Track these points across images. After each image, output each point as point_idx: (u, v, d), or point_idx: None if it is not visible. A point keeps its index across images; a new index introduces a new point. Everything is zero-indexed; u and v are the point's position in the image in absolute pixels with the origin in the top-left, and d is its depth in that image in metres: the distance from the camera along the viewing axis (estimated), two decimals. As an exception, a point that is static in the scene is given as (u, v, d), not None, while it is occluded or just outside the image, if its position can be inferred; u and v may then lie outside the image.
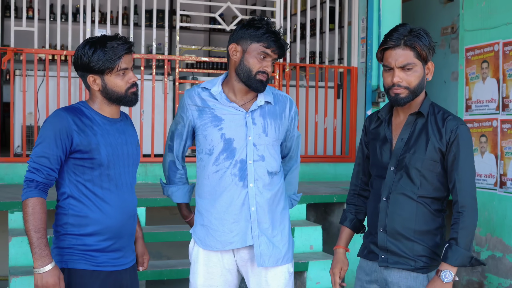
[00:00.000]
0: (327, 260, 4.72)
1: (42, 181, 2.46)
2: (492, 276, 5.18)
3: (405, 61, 2.50)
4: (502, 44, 5.10)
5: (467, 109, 5.47)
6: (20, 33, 6.33)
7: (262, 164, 2.75)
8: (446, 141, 2.54)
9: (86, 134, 2.50)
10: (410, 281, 2.59)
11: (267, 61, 2.71)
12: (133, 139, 2.70)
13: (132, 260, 2.69)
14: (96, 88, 2.55)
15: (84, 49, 2.51)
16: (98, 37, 2.56)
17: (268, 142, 2.76)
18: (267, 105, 2.80)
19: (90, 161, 2.50)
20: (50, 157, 2.46)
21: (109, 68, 2.50)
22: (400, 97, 2.52)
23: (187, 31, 10.42)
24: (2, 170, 5.62)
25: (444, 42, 8.04)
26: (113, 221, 2.55)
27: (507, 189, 5.03)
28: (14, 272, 4.12)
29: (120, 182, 2.59)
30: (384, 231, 2.61)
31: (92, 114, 2.57)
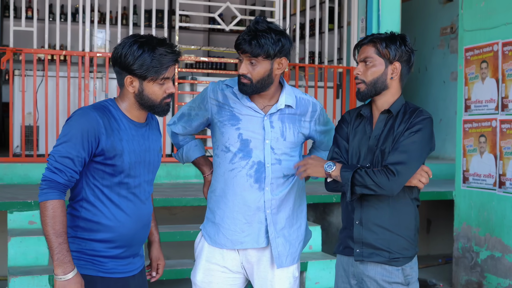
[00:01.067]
0: (326, 260, 4.72)
1: (64, 182, 2.32)
2: (491, 276, 5.18)
3: (364, 55, 2.66)
4: (501, 44, 5.10)
5: (466, 109, 5.47)
6: (19, 33, 6.33)
7: (279, 168, 2.73)
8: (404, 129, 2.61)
9: (113, 138, 2.36)
10: (386, 275, 2.65)
11: (242, 63, 2.65)
12: (156, 144, 2.56)
13: (140, 265, 2.58)
14: (131, 90, 2.39)
15: (131, 48, 2.34)
16: (146, 37, 2.39)
17: (286, 145, 2.74)
18: (288, 108, 2.76)
19: (112, 167, 2.37)
20: (74, 159, 2.31)
21: (154, 76, 2.35)
22: (359, 91, 2.68)
23: (186, 31, 10.42)
24: (1, 170, 5.61)
25: (443, 42, 8.05)
26: (127, 230, 2.43)
27: (506, 189, 5.03)
28: (13, 272, 4.11)
29: (138, 191, 2.46)
30: (360, 224, 2.67)
31: (120, 116, 2.41)
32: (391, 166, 2.54)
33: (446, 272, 6.06)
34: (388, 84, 2.66)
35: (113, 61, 2.41)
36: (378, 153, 2.65)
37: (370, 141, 2.68)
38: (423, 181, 2.63)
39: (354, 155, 2.71)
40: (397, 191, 2.57)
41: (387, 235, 2.65)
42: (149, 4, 6.58)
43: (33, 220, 4.56)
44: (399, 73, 2.67)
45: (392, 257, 2.65)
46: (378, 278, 2.66)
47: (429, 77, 8.25)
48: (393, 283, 2.65)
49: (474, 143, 5.38)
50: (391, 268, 2.65)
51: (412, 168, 2.58)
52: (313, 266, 4.67)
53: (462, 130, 5.51)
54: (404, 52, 2.67)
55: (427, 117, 2.64)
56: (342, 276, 2.79)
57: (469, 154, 5.44)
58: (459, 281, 5.53)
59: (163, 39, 2.41)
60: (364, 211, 2.67)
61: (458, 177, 5.58)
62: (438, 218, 6.89)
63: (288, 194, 2.78)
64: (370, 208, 2.66)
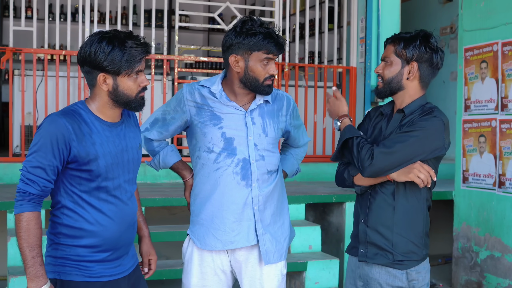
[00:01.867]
0: (326, 260, 4.72)
1: (37, 193, 2.27)
2: (491, 276, 5.18)
3: (384, 54, 2.68)
4: (501, 44, 5.10)
5: (466, 109, 5.47)
6: (19, 33, 6.33)
7: (263, 164, 2.75)
8: None
9: (84, 143, 2.30)
10: (390, 278, 2.62)
11: (271, 64, 2.68)
12: (135, 142, 2.50)
13: (131, 266, 2.54)
14: (105, 88, 2.33)
15: (100, 45, 2.28)
16: (111, 32, 2.32)
17: (268, 141, 2.76)
18: (266, 104, 2.79)
19: (88, 172, 2.32)
20: (46, 168, 2.26)
21: (128, 69, 2.30)
22: (377, 89, 2.69)
23: (186, 31, 10.42)
24: (1, 170, 5.61)
25: (443, 42, 8.05)
26: (111, 233, 2.38)
27: (506, 189, 5.03)
28: (12, 272, 4.11)
29: (119, 192, 2.41)
30: (365, 223, 2.66)
31: (91, 119, 2.35)
32: (376, 148, 2.51)
33: (446, 272, 6.06)
34: (404, 85, 2.63)
35: (81, 61, 2.34)
36: None
37: (381, 139, 2.66)
38: (421, 177, 2.53)
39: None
40: (368, 175, 2.53)
41: (391, 236, 2.61)
42: (149, 4, 6.58)
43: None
44: (417, 74, 2.62)
45: (396, 259, 2.60)
46: (381, 281, 2.62)
47: (429, 77, 8.25)
48: (396, 287, 2.61)
49: (473, 143, 5.38)
50: (395, 271, 2.61)
51: (392, 159, 2.50)
52: (313, 266, 4.67)
53: (461, 130, 5.51)
54: (424, 52, 2.59)
55: (435, 117, 2.58)
56: (350, 277, 2.78)
57: (468, 154, 5.44)
58: (458, 281, 5.53)
59: (129, 32, 2.36)
60: (370, 209, 2.65)
61: (457, 177, 5.58)
62: (438, 218, 6.89)
63: (272, 190, 2.80)
64: (377, 207, 2.64)
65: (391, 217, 2.62)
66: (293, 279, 4.81)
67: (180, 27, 9.52)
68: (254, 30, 2.62)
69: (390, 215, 2.62)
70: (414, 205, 2.63)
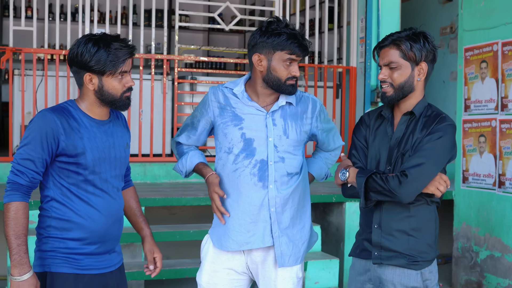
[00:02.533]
0: (326, 260, 4.72)
1: (26, 184, 2.39)
2: (491, 276, 5.18)
3: (388, 60, 2.57)
4: (501, 44, 5.10)
5: (466, 109, 5.47)
6: (19, 32, 6.33)
7: (282, 166, 2.73)
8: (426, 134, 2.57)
9: (72, 137, 2.41)
10: (404, 279, 2.60)
11: (294, 65, 2.68)
12: (122, 140, 2.61)
13: (118, 262, 2.61)
14: (91, 87, 2.45)
15: (86, 46, 2.41)
16: (99, 35, 2.47)
17: (289, 143, 2.74)
18: (289, 106, 2.77)
19: (76, 165, 2.43)
20: (35, 160, 2.38)
21: (112, 70, 2.42)
22: (385, 95, 2.60)
23: (186, 30, 10.42)
24: (1, 169, 5.61)
25: (443, 42, 8.05)
26: (98, 225, 2.47)
27: (506, 189, 5.03)
28: (12, 271, 4.11)
29: (106, 186, 2.51)
30: (379, 228, 2.63)
31: (80, 115, 2.47)
32: (406, 170, 2.48)
33: (446, 272, 6.06)
34: (415, 86, 2.61)
35: (70, 61, 2.46)
36: (398, 156, 2.59)
37: (391, 143, 2.62)
38: (441, 189, 2.55)
39: (374, 158, 2.66)
40: (409, 198, 2.51)
41: (407, 239, 2.60)
42: (149, 3, 6.58)
43: (32, 219, 4.54)
44: (426, 73, 2.61)
45: (412, 260, 2.59)
46: (396, 282, 2.61)
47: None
48: (410, 287, 2.60)
49: (473, 143, 5.38)
50: (410, 271, 2.60)
51: (427, 173, 2.51)
52: (313, 266, 4.67)
53: (461, 130, 5.51)
54: (429, 51, 2.58)
55: (450, 123, 2.57)
56: (356, 280, 2.74)
57: (468, 154, 5.44)
58: (458, 281, 5.53)
59: (116, 35, 2.49)
60: (383, 214, 2.62)
61: (457, 177, 5.58)
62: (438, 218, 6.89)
63: (292, 193, 2.77)
64: (390, 212, 2.61)
65: (406, 222, 2.60)
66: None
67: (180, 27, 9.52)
68: (279, 30, 2.64)
69: (405, 220, 2.60)
70: (427, 208, 2.63)
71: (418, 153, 2.51)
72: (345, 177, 2.61)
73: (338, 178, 2.66)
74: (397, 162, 2.59)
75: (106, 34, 2.48)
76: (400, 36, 2.57)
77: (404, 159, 2.56)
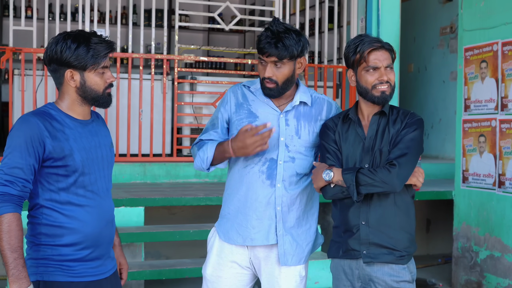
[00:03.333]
0: (326, 260, 4.72)
1: (17, 194, 2.27)
2: (491, 276, 5.19)
3: (389, 62, 2.68)
4: (501, 44, 5.10)
5: (466, 109, 5.47)
6: (19, 32, 6.33)
7: (292, 166, 2.74)
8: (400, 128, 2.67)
9: (58, 139, 2.33)
10: (394, 275, 2.67)
11: (265, 67, 2.67)
12: (107, 140, 2.54)
13: (112, 267, 2.54)
14: (73, 84, 2.38)
15: (65, 43, 2.34)
16: (75, 32, 2.40)
17: (301, 144, 2.75)
18: (303, 106, 2.78)
19: (64, 168, 2.34)
20: (24, 168, 2.27)
21: (94, 64, 2.36)
22: (386, 95, 2.67)
23: (186, 30, 10.42)
24: (1, 169, 5.61)
25: (443, 42, 8.05)
26: (91, 229, 2.39)
27: (505, 189, 5.03)
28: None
29: (96, 188, 2.42)
30: (366, 224, 2.68)
31: (62, 117, 2.39)
32: (394, 160, 2.58)
33: (446, 272, 6.06)
34: None
35: (48, 60, 2.39)
36: (376, 153, 2.67)
37: (365, 142, 2.69)
38: (420, 180, 2.68)
39: (350, 158, 2.71)
40: (400, 186, 2.59)
41: (393, 234, 2.67)
42: (149, 3, 6.58)
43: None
44: None
45: (398, 255, 2.67)
46: (386, 279, 2.67)
47: (429, 77, 8.26)
48: (401, 281, 2.67)
49: (473, 143, 5.38)
50: (398, 267, 2.67)
51: (411, 162, 2.61)
52: (313, 266, 4.67)
53: (461, 130, 5.51)
54: None
55: (420, 118, 2.71)
56: (343, 279, 2.77)
57: (468, 153, 5.44)
58: (458, 280, 5.53)
59: (93, 32, 2.44)
60: (370, 211, 2.67)
61: (457, 177, 5.58)
62: (438, 218, 6.90)
63: (301, 193, 2.78)
64: (377, 208, 2.67)
65: (392, 216, 2.68)
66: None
67: (180, 27, 9.51)
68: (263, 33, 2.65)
69: (391, 214, 2.68)
70: (408, 201, 2.73)
71: (399, 145, 2.62)
72: (330, 177, 2.63)
73: (320, 181, 2.66)
74: (375, 158, 2.66)
75: (82, 31, 2.41)
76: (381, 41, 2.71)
77: (382, 154, 2.65)
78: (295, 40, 2.63)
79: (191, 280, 5.04)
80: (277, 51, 2.60)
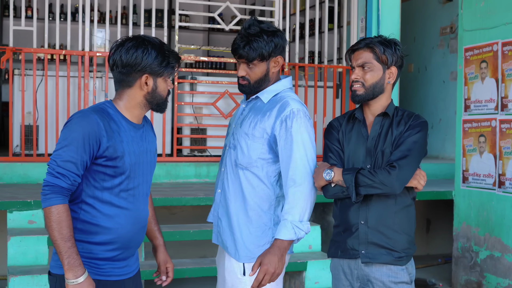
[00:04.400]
0: (326, 260, 4.72)
1: (67, 187, 2.31)
2: (491, 276, 5.19)
3: (362, 61, 2.69)
4: (501, 44, 5.10)
5: (466, 109, 5.47)
6: (19, 32, 6.33)
7: (233, 153, 2.78)
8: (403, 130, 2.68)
9: (114, 140, 2.36)
10: (392, 275, 2.68)
11: (239, 67, 2.80)
12: (152, 146, 2.59)
13: (135, 268, 2.58)
14: (145, 89, 2.43)
15: (146, 49, 2.39)
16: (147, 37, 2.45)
17: (241, 134, 2.76)
18: (260, 101, 2.80)
19: (113, 169, 2.37)
20: (77, 163, 2.30)
21: (170, 72, 2.45)
22: (356, 94, 2.70)
23: (186, 30, 10.42)
24: (1, 169, 5.61)
25: (443, 42, 8.05)
26: (125, 231, 2.43)
27: (505, 189, 5.04)
28: (12, 271, 4.12)
29: (137, 192, 2.47)
30: (365, 224, 2.69)
31: (119, 118, 2.42)
32: (394, 162, 2.59)
33: (446, 272, 6.07)
34: (385, 88, 2.73)
35: (123, 63, 2.39)
36: (378, 154, 2.67)
37: (368, 143, 2.71)
38: (422, 183, 2.69)
39: (352, 158, 2.73)
40: (400, 188, 2.59)
41: (392, 234, 2.68)
42: (149, 3, 6.58)
43: (33, 219, 4.56)
44: (395, 77, 2.74)
45: (397, 256, 2.68)
46: (384, 279, 2.68)
47: (429, 77, 8.26)
48: (399, 282, 2.68)
49: (473, 143, 5.38)
50: (396, 268, 2.68)
51: (412, 164, 2.62)
52: (313, 266, 4.67)
53: (461, 130, 5.51)
54: (399, 57, 2.73)
55: (424, 120, 2.71)
56: (342, 279, 2.79)
57: (468, 154, 5.44)
58: (458, 280, 5.53)
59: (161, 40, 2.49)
60: (369, 211, 2.68)
61: (457, 177, 5.58)
62: (438, 218, 6.90)
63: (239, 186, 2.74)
64: (376, 208, 2.68)
65: (391, 217, 2.68)
66: (293, 278, 4.81)
67: (180, 27, 9.52)
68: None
69: (390, 214, 2.68)
70: (408, 203, 2.74)
71: (401, 147, 2.63)
72: (331, 176, 2.64)
73: (321, 180, 2.67)
74: (377, 159, 2.67)
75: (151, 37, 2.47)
76: (373, 40, 2.71)
77: (384, 156, 2.66)
78: (265, 41, 2.68)
79: (191, 280, 5.04)
80: (246, 53, 2.71)
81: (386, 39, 2.74)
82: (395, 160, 2.59)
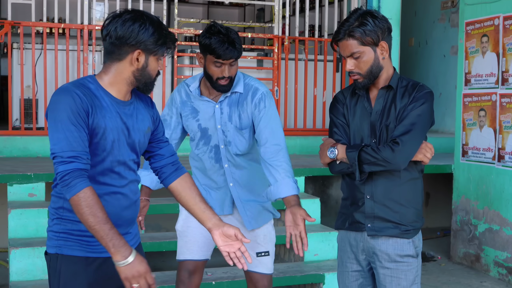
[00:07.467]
0: (325, 232, 4.75)
1: (84, 167, 2.20)
2: (489, 249, 5.22)
3: (351, 51, 2.61)
4: (502, 18, 5.07)
5: (466, 83, 5.46)
6: (18, 6, 6.28)
7: (230, 148, 3.06)
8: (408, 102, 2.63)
9: (95, 116, 2.25)
10: (398, 248, 2.67)
11: (221, 68, 2.90)
12: (143, 124, 2.46)
13: (133, 244, 2.46)
14: (135, 65, 2.32)
15: (144, 24, 2.28)
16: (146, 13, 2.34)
17: (232, 128, 3.02)
18: (236, 94, 3.02)
19: (95, 145, 2.27)
20: (83, 139, 2.20)
21: (164, 52, 2.35)
22: (358, 82, 2.67)
23: (185, 4, 10.37)
24: (1, 143, 5.62)
25: (444, 16, 8.00)
26: (112, 208, 2.33)
27: (505, 163, 5.05)
28: (13, 244, 4.14)
29: (122, 169, 2.37)
30: (371, 198, 2.68)
31: (101, 93, 2.31)
32: (397, 138, 2.55)
33: (444, 244, 6.11)
34: (382, 65, 2.65)
35: (117, 36, 2.30)
36: (383, 128, 2.64)
37: (371, 117, 2.67)
38: (428, 156, 2.65)
39: (357, 133, 2.70)
40: (404, 164, 2.57)
41: (399, 208, 2.66)
42: (148, -24, 6.53)
43: (33, 192, 4.58)
44: (388, 49, 2.65)
45: (404, 229, 2.67)
46: (390, 252, 2.67)
47: (430, 51, 8.22)
48: (404, 256, 2.67)
49: (473, 117, 5.38)
50: (402, 241, 2.67)
51: (416, 139, 2.59)
52: (312, 238, 4.70)
53: (462, 104, 5.51)
54: (381, 27, 2.60)
55: (429, 91, 2.65)
56: (347, 251, 2.79)
57: (468, 128, 5.44)
58: (457, 253, 5.57)
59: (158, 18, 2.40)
60: (375, 185, 2.67)
61: (457, 151, 5.59)
62: (437, 192, 6.93)
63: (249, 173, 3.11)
64: (382, 182, 2.66)
65: (397, 191, 2.66)
66: (292, 251, 4.84)
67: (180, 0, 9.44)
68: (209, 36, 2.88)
69: (397, 189, 2.66)
70: (415, 176, 2.71)
71: (405, 121, 2.59)
72: (334, 154, 2.65)
73: (325, 157, 2.69)
74: (382, 134, 2.64)
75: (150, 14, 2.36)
76: (350, 26, 2.59)
77: (389, 130, 2.62)
78: (239, 39, 2.92)
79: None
80: (236, 53, 2.89)
81: (362, 16, 2.60)
82: (398, 136, 2.56)
